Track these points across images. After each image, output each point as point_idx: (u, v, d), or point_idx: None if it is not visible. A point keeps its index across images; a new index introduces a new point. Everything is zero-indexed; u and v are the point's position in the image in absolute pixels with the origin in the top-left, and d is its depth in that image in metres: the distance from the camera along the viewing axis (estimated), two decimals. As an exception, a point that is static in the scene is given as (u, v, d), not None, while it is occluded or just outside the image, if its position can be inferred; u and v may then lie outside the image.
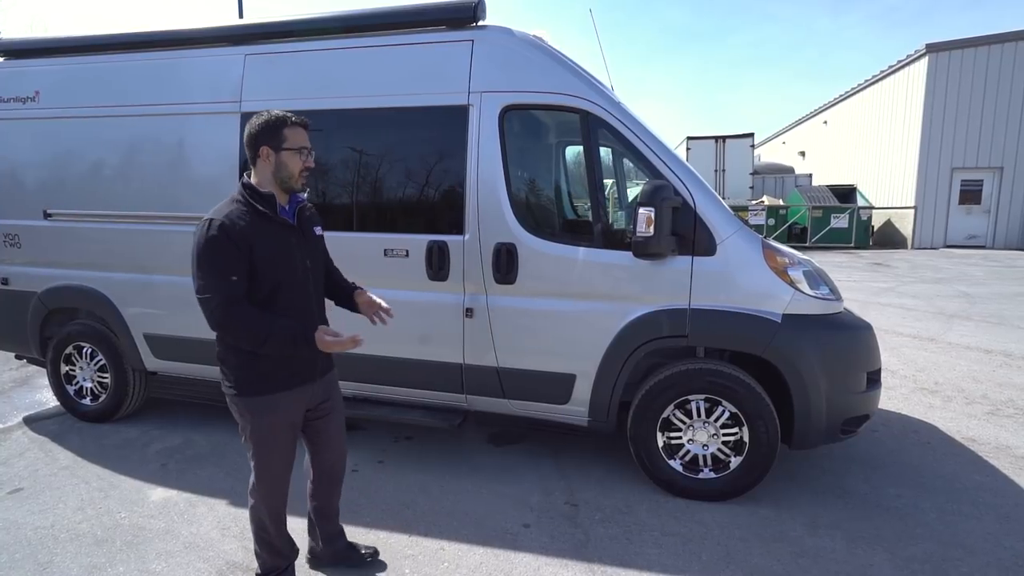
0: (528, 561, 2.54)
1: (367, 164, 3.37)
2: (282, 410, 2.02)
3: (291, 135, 1.93)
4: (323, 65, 3.42)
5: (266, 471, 2.08)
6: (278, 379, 1.99)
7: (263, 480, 2.09)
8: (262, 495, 2.11)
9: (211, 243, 1.81)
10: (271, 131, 1.91)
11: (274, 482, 2.11)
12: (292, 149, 1.93)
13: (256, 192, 1.93)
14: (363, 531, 2.76)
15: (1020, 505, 3.00)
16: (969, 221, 17.70)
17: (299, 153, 1.95)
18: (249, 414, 1.99)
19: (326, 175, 3.45)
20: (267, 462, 2.07)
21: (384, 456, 3.57)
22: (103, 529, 2.76)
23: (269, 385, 1.98)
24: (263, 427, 2.01)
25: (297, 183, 1.98)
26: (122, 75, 3.76)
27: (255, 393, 1.97)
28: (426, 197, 3.31)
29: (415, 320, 3.30)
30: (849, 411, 2.97)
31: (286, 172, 1.94)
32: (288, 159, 1.93)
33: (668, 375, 2.99)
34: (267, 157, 1.92)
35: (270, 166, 1.94)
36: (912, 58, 18.01)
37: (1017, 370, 5.33)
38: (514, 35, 3.16)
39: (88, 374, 4.07)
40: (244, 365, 1.95)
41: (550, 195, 3.74)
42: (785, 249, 3.12)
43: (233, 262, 1.82)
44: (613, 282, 3.02)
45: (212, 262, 1.81)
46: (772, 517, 2.88)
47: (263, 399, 1.98)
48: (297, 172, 1.96)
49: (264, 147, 1.91)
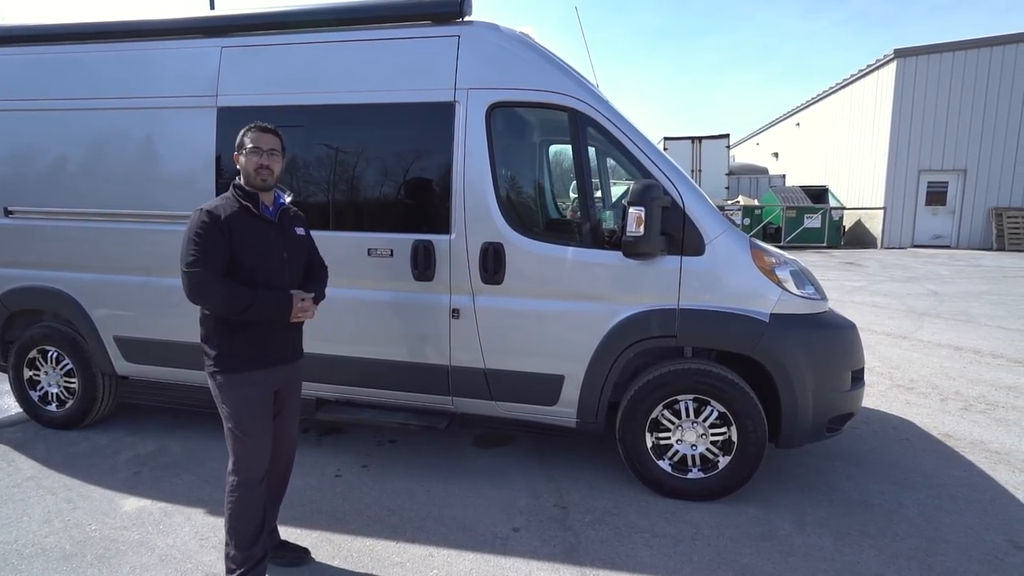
0: (519, 565, 2.50)
1: (350, 162, 3.28)
2: (259, 383, 2.22)
3: (250, 139, 2.19)
4: (304, 59, 3.32)
5: (246, 438, 2.19)
6: (256, 357, 2.20)
7: (245, 447, 2.19)
8: (243, 467, 2.20)
9: (199, 226, 2.08)
10: (239, 138, 2.22)
11: (255, 449, 2.22)
12: (247, 150, 2.18)
13: (242, 190, 2.21)
14: (348, 538, 2.68)
15: (997, 499, 3.07)
16: (935, 222, 18.27)
17: (255, 153, 2.17)
18: (228, 388, 2.17)
19: (309, 173, 3.35)
20: (247, 427, 2.19)
21: (368, 460, 3.49)
22: (72, 543, 2.63)
23: (249, 363, 2.19)
24: (242, 397, 2.18)
25: (255, 179, 2.18)
26: (90, 66, 3.59)
27: (236, 370, 2.17)
28: (411, 196, 3.24)
29: (400, 321, 3.23)
30: (835, 409, 3.00)
31: (247, 172, 2.20)
32: (245, 160, 2.19)
33: (657, 375, 2.98)
34: (237, 161, 2.22)
35: (241, 168, 2.22)
36: (881, 63, 18.51)
37: (986, 366, 5.49)
38: (501, 31, 3.11)
39: (54, 379, 3.88)
40: (226, 343, 2.15)
41: (538, 194, 3.70)
42: (772, 249, 3.13)
43: (216, 244, 2.07)
44: (602, 282, 2.99)
45: (198, 241, 2.06)
46: (761, 516, 2.89)
47: (243, 375, 2.18)
48: (252, 170, 2.17)
49: (235, 153, 2.23)
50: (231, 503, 2.23)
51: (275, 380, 2.28)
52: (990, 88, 17.31)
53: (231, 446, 2.22)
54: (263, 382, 2.23)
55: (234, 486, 2.23)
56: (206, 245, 2.07)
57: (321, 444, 3.72)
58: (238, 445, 2.21)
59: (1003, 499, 3.07)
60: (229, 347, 2.16)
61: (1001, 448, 3.70)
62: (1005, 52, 17.17)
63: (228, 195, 2.22)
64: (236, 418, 2.19)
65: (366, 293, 3.26)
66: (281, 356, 2.29)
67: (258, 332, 2.19)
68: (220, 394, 2.20)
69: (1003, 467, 3.44)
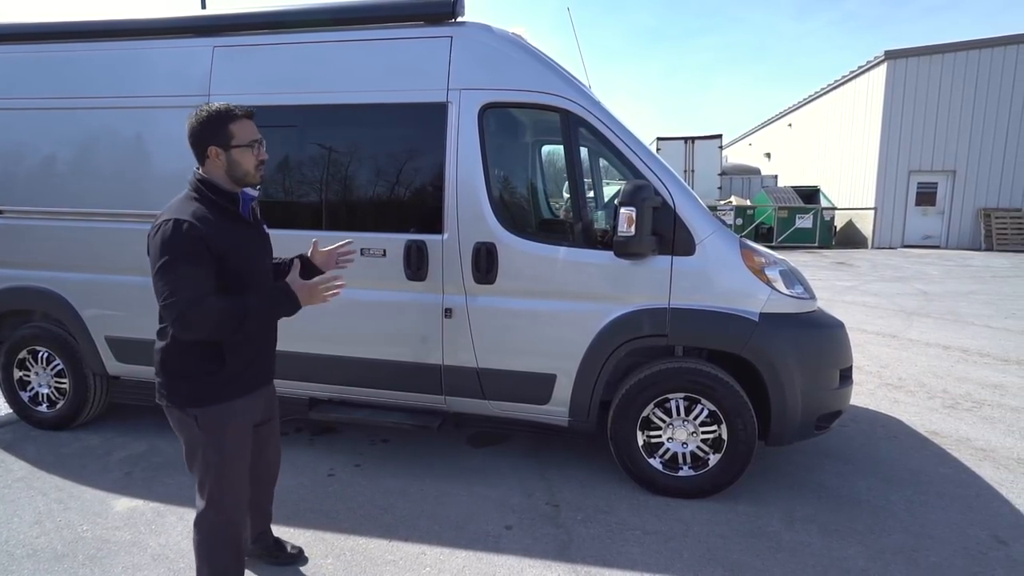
0: (511, 563, 2.52)
1: (343, 162, 3.28)
2: (246, 414, 1.94)
3: (238, 130, 1.80)
4: (297, 59, 3.32)
5: (231, 484, 1.93)
6: (241, 382, 1.90)
7: (227, 493, 1.93)
8: (224, 512, 1.94)
9: (178, 244, 1.68)
10: (216, 129, 1.78)
11: (240, 485, 1.97)
12: (242, 145, 1.81)
13: (217, 188, 1.82)
14: (341, 537, 2.69)
15: (982, 495, 3.12)
16: (925, 222, 18.45)
17: (251, 148, 1.83)
18: (213, 421, 1.84)
19: (301, 173, 3.35)
20: (234, 463, 1.92)
21: (361, 460, 3.49)
22: (63, 543, 2.62)
23: (233, 389, 1.87)
24: (227, 435, 1.87)
25: (255, 178, 1.87)
26: (82, 65, 3.57)
27: (218, 400, 1.84)
28: (404, 196, 3.25)
29: (393, 321, 3.24)
30: (823, 407, 3.03)
31: (241, 170, 1.83)
32: (240, 156, 1.81)
33: (648, 374, 3.01)
34: (217, 156, 1.80)
35: (222, 164, 1.81)
36: (872, 64, 18.67)
37: (973, 365, 5.56)
38: (494, 32, 3.12)
39: (44, 379, 3.86)
40: (208, 371, 1.82)
41: (530, 194, 3.73)
42: (762, 249, 3.17)
43: (202, 263, 1.71)
44: (593, 282, 3.01)
45: (180, 264, 1.68)
46: (750, 513, 2.92)
47: (226, 405, 1.86)
48: (252, 168, 1.85)
49: (212, 147, 1.79)
50: (209, 547, 1.94)
51: (260, 405, 2.03)
52: (979, 90, 17.51)
53: (210, 484, 1.90)
54: (251, 411, 1.97)
55: (215, 527, 1.93)
56: (188, 266, 1.68)
57: (314, 444, 3.72)
58: (221, 483, 1.90)
59: (987, 495, 3.12)
60: (213, 372, 1.82)
61: (986, 445, 3.75)
62: (994, 54, 17.37)
63: (194, 195, 1.81)
64: (221, 454, 1.88)
65: (359, 293, 3.25)
66: (266, 376, 2.04)
67: (249, 351, 1.92)
68: (199, 433, 1.84)
69: (988, 464, 3.49)
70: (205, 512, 1.92)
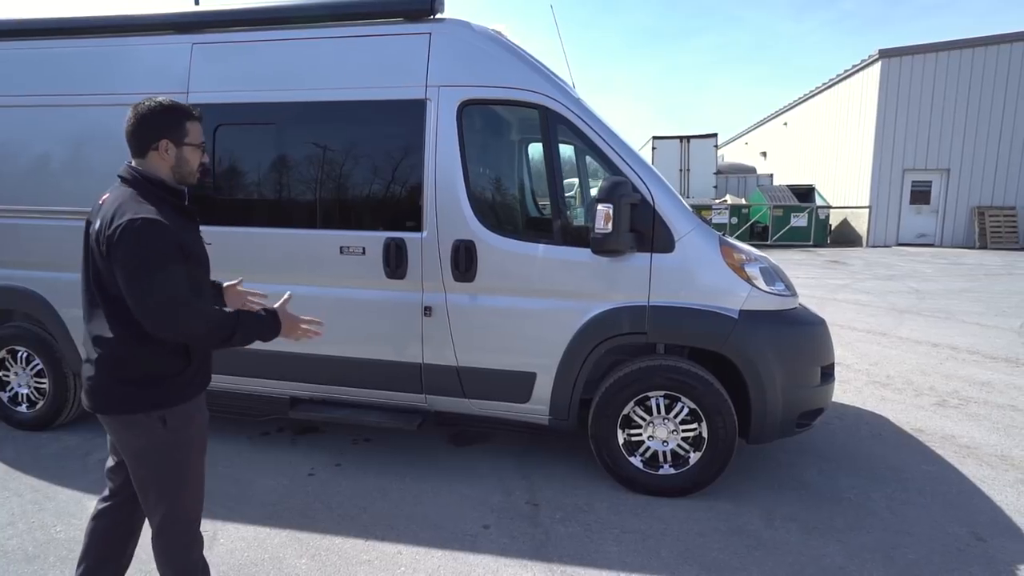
0: (487, 563, 2.50)
1: (321, 159, 3.26)
2: (204, 411, 1.89)
3: (192, 129, 1.79)
4: (275, 56, 3.30)
5: (196, 478, 1.85)
6: (201, 378, 1.85)
7: (192, 489, 1.84)
8: (194, 509, 1.87)
9: (159, 242, 1.61)
10: (174, 122, 1.75)
11: (201, 489, 1.88)
12: (194, 145, 1.79)
13: (169, 187, 1.77)
14: (317, 537, 2.67)
15: (963, 492, 3.11)
16: (919, 220, 18.47)
17: (200, 148, 1.82)
18: (178, 422, 1.76)
19: (280, 171, 3.33)
20: (198, 463, 1.85)
21: (343, 459, 3.47)
22: (35, 544, 2.60)
23: (196, 386, 1.83)
24: (193, 430, 1.81)
25: (194, 180, 1.85)
26: (61, 63, 3.55)
27: (185, 398, 1.78)
28: (383, 193, 3.23)
29: (373, 319, 3.22)
30: (804, 405, 3.02)
31: (188, 168, 1.80)
32: (190, 155, 1.79)
33: (628, 372, 2.99)
34: (166, 150, 1.74)
35: (169, 160, 1.76)
36: (866, 63, 18.69)
37: (962, 363, 5.56)
38: (472, 28, 3.10)
39: (24, 380, 3.83)
40: (177, 371, 1.75)
41: (510, 192, 3.71)
42: (741, 246, 3.16)
43: (178, 261, 1.65)
44: (573, 279, 3.00)
45: (167, 262, 1.62)
46: (730, 511, 2.91)
47: (192, 402, 1.81)
48: (195, 168, 1.83)
49: (165, 140, 1.73)
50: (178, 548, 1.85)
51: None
52: (973, 88, 17.54)
53: (175, 484, 1.79)
54: (205, 409, 1.89)
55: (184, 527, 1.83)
56: (176, 266, 1.63)
57: (296, 443, 3.70)
58: (187, 480, 1.80)
59: (969, 492, 3.11)
60: (180, 372, 1.74)
61: (971, 442, 3.75)
62: (987, 53, 17.40)
63: (142, 197, 1.68)
64: (189, 449, 1.79)
65: (338, 291, 3.25)
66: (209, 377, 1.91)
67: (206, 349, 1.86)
68: (167, 431, 1.72)
69: (971, 461, 3.48)
70: (169, 515, 1.83)
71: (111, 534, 1.96)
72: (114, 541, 1.97)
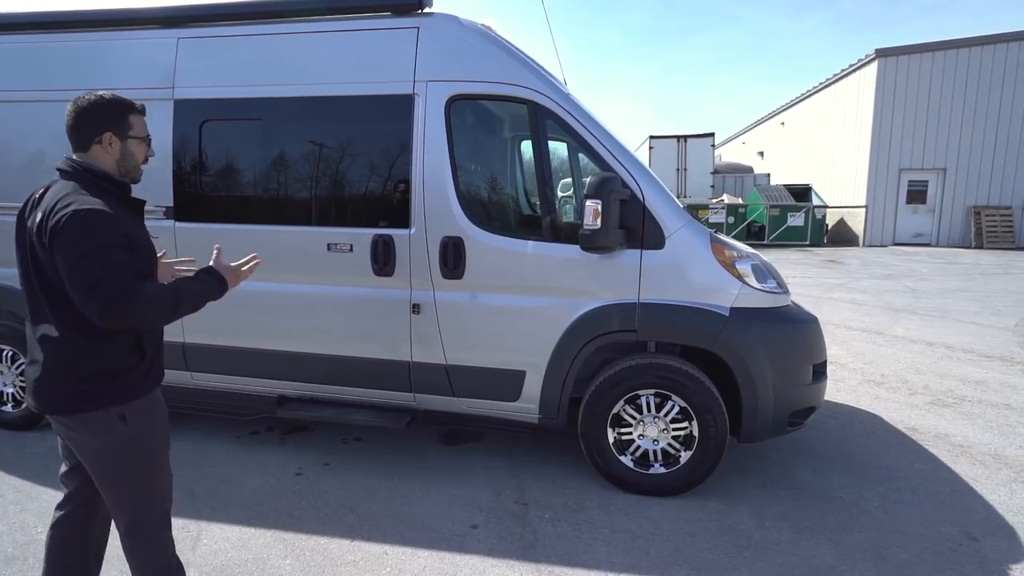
0: (474, 563, 2.47)
1: (308, 155, 3.23)
2: (162, 406, 1.83)
3: (136, 122, 1.75)
4: (262, 51, 3.26)
5: (163, 473, 1.81)
6: (156, 371, 1.79)
7: (161, 496, 1.81)
8: (163, 504, 1.83)
9: (103, 232, 1.56)
10: (117, 116, 1.71)
11: (166, 494, 1.83)
12: (139, 138, 1.75)
13: (114, 180, 1.72)
14: (302, 537, 2.63)
15: (956, 491, 3.08)
16: (915, 220, 18.48)
17: (145, 142, 1.79)
18: (138, 418, 1.71)
19: (267, 167, 3.29)
20: (164, 458, 1.80)
21: (331, 458, 3.43)
22: (14, 545, 2.55)
23: (152, 380, 1.77)
24: (156, 425, 1.77)
25: (138, 175, 1.80)
26: (43, 58, 3.50)
27: (143, 392, 1.73)
28: (371, 189, 3.20)
29: (360, 317, 3.19)
30: (796, 404, 3.00)
31: (132, 162, 1.75)
32: (135, 148, 1.75)
33: (618, 370, 2.96)
34: (110, 143, 1.70)
35: (113, 154, 1.71)
36: (863, 62, 18.69)
37: (956, 361, 5.54)
38: (461, 23, 3.07)
39: (9, 378, 3.78)
40: (132, 365, 1.70)
41: (498, 188, 3.67)
42: (733, 243, 3.13)
43: (124, 251, 1.60)
44: (562, 276, 2.96)
45: (110, 251, 1.57)
46: (721, 511, 2.88)
47: (151, 396, 1.76)
48: (140, 163, 1.79)
49: (108, 132, 1.69)
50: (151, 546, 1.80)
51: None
52: (969, 88, 17.54)
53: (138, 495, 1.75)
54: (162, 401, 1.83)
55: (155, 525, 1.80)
56: (120, 254, 1.58)
57: (285, 443, 3.66)
58: (155, 476, 1.77)
59: (962, 491, 3.08)
60: (138, 366, 1.71)
61: (964, 441, 3.72)
62: (984, 53, 17.41)
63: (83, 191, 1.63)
64: (153, 444, 1.76)
65: (326, 289, 3.21)
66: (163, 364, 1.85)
67: (157, 340, 1.81)
68: (128, 427, 1.67)
69: (964, 459, 3.46)
70: (136, 515, 1.77)
71: (72, 542, 1.88)
72: (76, 549, 1.89)
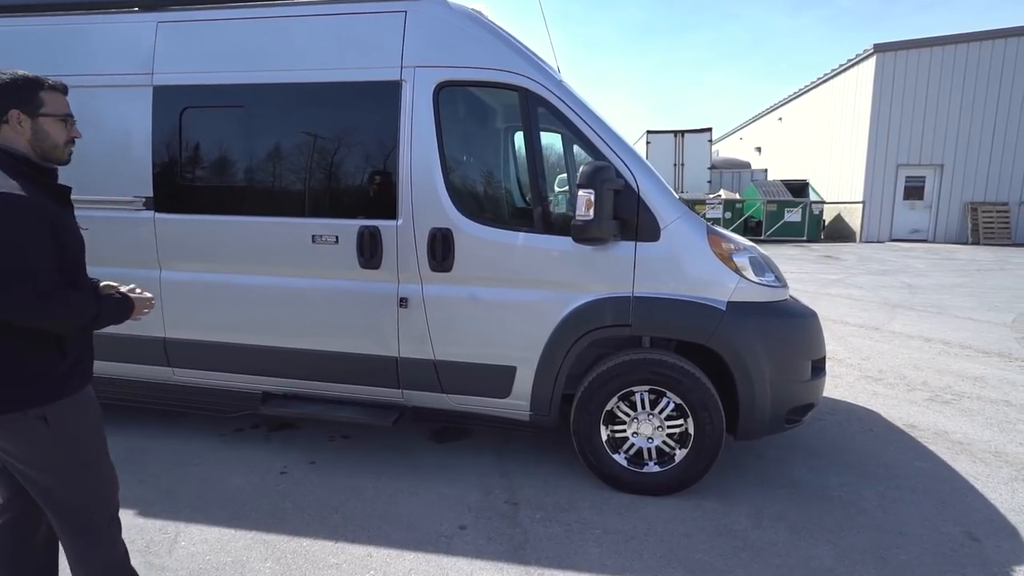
0: (461, 566, 2.38)
1: (292, 144, 3.12)
2: (94, 404, 1.73)
3: (50, 99, 1.61)
4: (245, 35, 3.14)
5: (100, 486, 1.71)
6: (82, 369, 1.69)
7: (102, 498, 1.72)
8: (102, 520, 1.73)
9: (19, 221, 1.47)
10: (19, 92, 1.57)
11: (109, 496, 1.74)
12: (54, 116, 1.62)
13: (34, 164, 1.60)
14: (284, 539, 2.54)
15: (956, 490, 3.02)
16: (912, 216, 18.44)
17: (64, 121, 1.65)
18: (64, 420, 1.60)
19: (250, 156, 3.18)
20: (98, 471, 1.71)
21: (317, 457, 3.34)
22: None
23: (80, 379, 1.66)
24: (90, 424, 1.67)
25: (63, 155, 1.67)
26: (18, 42, 3.38)
27: (67, 392, 1.61)
28: (356, 179, 3.10)
29: (346, 311, 3.09)
30: (794, 400, 2.92)
31: (49, 142, 1.62)
32: (50, 127, 1.61)
33: (611, 366, 2.87)
34: (19, 122, 1.57)
35: (24, 133, 1.58)
36: (860, 58, 18.60)
37: (954, 357, 5.48)
38: (450, 7, 2.96)
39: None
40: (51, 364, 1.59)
41: (489, 178, 3.57)
42: (730, 235, 3.05)
43: (43, 236, 1.51)
44: (553, 269, 2.87)
45: (27, 242, 1.48)
46: (717, 510, 2.80)
47: (79, 394, 1.65)
48: (62, 142, 1.65)
49: (15, 111, 1.56)
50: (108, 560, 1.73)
51: None
52: (967, 84, 17.48)
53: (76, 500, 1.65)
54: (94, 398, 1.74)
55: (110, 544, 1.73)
56: (38, 246, 1.49)
57: (270, 440, 3.57)
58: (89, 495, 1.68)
59: (962, 490, 3.02)
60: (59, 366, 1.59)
61: (964, 438, 3.65)
62: (982, 48, 17.34)
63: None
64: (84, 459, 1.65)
65: (310, 282, 3.11)
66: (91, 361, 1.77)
67: (87, 337, 1.73)
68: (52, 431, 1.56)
69: (964, 457, 3.39)
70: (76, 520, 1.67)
71: (18, 553, 1.77)
72: (21, 559, 1.78)
